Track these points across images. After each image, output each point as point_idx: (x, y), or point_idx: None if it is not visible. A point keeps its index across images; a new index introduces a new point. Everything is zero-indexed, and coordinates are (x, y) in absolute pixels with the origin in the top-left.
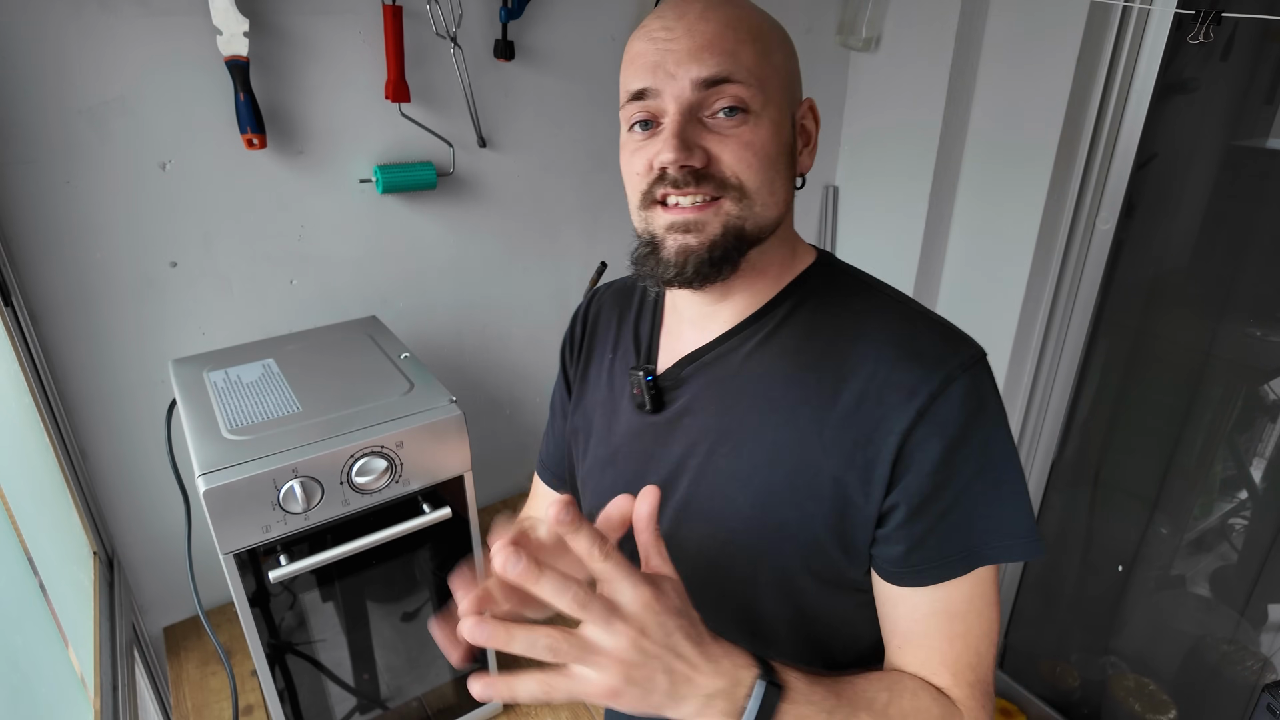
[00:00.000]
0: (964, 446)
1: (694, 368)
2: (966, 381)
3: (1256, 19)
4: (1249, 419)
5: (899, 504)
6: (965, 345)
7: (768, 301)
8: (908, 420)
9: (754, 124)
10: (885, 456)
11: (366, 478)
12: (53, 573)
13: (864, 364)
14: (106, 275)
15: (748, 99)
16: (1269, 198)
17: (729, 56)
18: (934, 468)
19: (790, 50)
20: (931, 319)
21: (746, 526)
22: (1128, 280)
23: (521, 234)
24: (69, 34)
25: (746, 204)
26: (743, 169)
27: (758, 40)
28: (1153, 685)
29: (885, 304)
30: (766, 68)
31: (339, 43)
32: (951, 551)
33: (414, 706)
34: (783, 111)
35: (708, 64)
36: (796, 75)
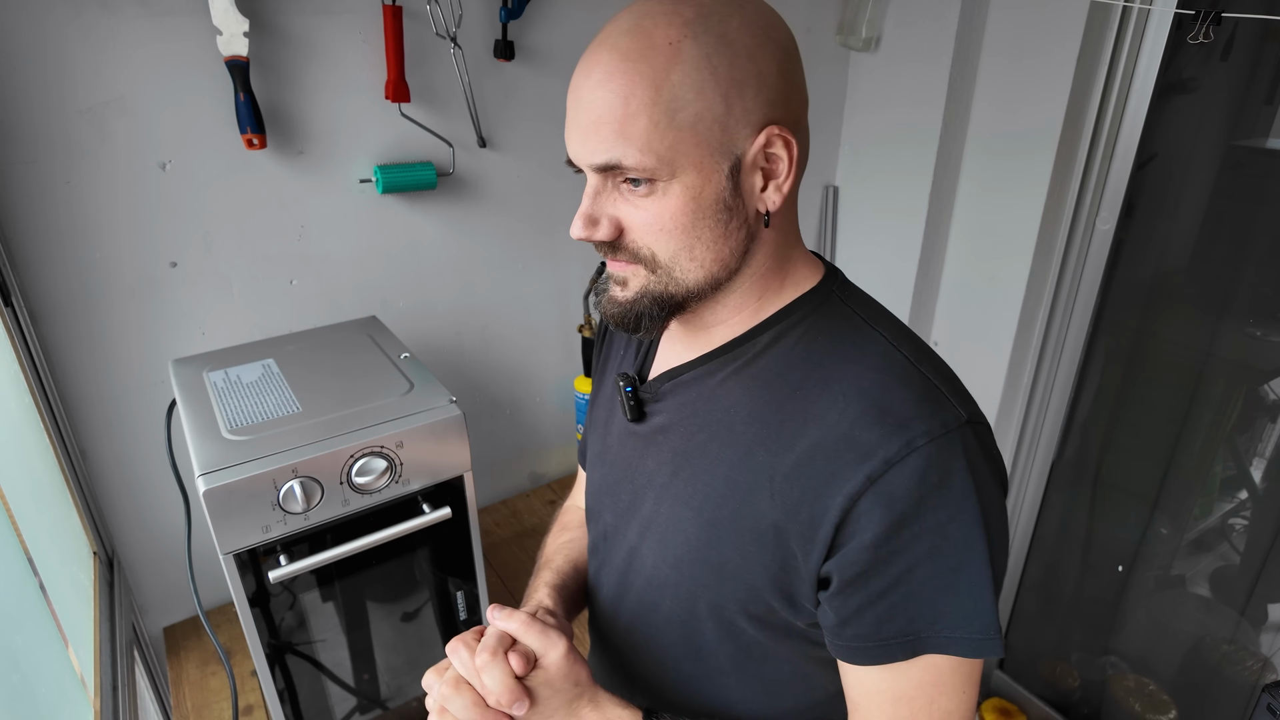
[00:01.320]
0: (914, 523)
1: (672, 385)
2: (930, 452)
3: (1256, 19)
4: (1249, 419)
5: (833, 573)
6: (943, 409)
7: (751, 328)
8: (856, 485)
9: (662, 194)
10: (830, 519)
11: (366, 478)
12: (53, 573)
13: (828, 413)
14: (106, 275)
15: (647, 175)
16: (1269, 198)
17: (617, 138)
18: (874, 541)
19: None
20: (915, 373)
21: (691, 557)
22: (1128, 280)
23: (521, 234)
24: (69, 34)
25: (663, 273)
26: (651, 241)
27: (657, 102)
28: (1153, 685)
29: (871, 348)
30: (670, 133)
31: (339, 43)
32: (891, 634)
33: (414, 706)
34: (707, 169)
35: (596, 151)
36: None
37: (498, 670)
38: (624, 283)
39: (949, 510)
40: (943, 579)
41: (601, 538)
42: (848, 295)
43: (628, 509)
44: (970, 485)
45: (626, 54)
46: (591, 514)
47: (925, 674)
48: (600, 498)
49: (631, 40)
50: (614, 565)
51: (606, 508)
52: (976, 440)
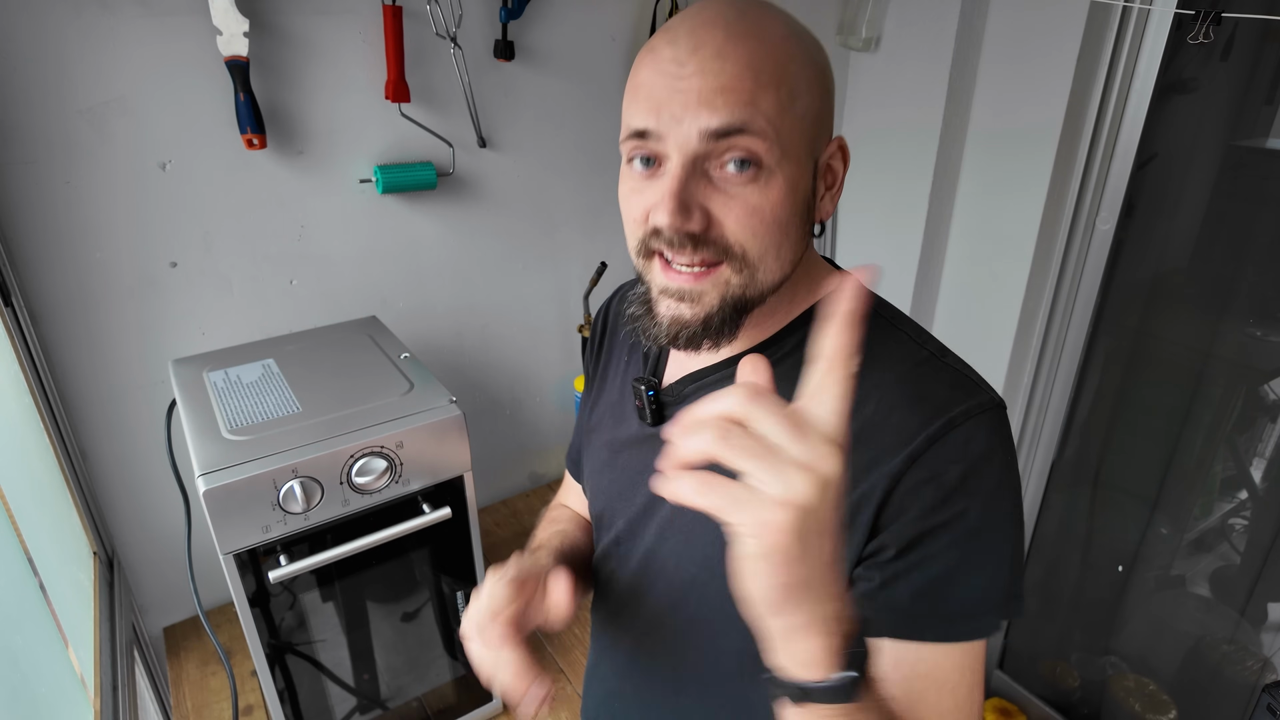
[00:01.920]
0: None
1: (696, 387)
2: (971, 428)
3: (1256, 19)
4: (1249, 419)
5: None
6: (977, 393)
7: (778, 330)
8: (898, 464)
9: (765, 183)
10: (872, 500)
11: (366, 478)
12: (53, 573)
13: (864, 405)
14: (106, 275)
15: (762, 154)
16: (1269, 198)
17: (746, 105)
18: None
19: (826, 85)
20: (945, 364)
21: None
22: (1128, 280)
23: (521, 234)
24: (69, 34)
25: (748, 272)
26: (747, 236)
27: (783, 84)
28: (1153, 685)
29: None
30: (790, 117)
31: (339, 43)
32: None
33: (414, 706)
34: (803, 164)
35: (720, 112)
36: (828, 113)
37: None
38: (695, 298)
39: (993, 484)
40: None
41: (614, 544)
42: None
43: (643, 513)
44: (1005, 461)
45: (747, 34)
46: (602, 521)
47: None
48: (611, 503)
49: (747, 24)
50: (628, 569)
51: (619, 513)
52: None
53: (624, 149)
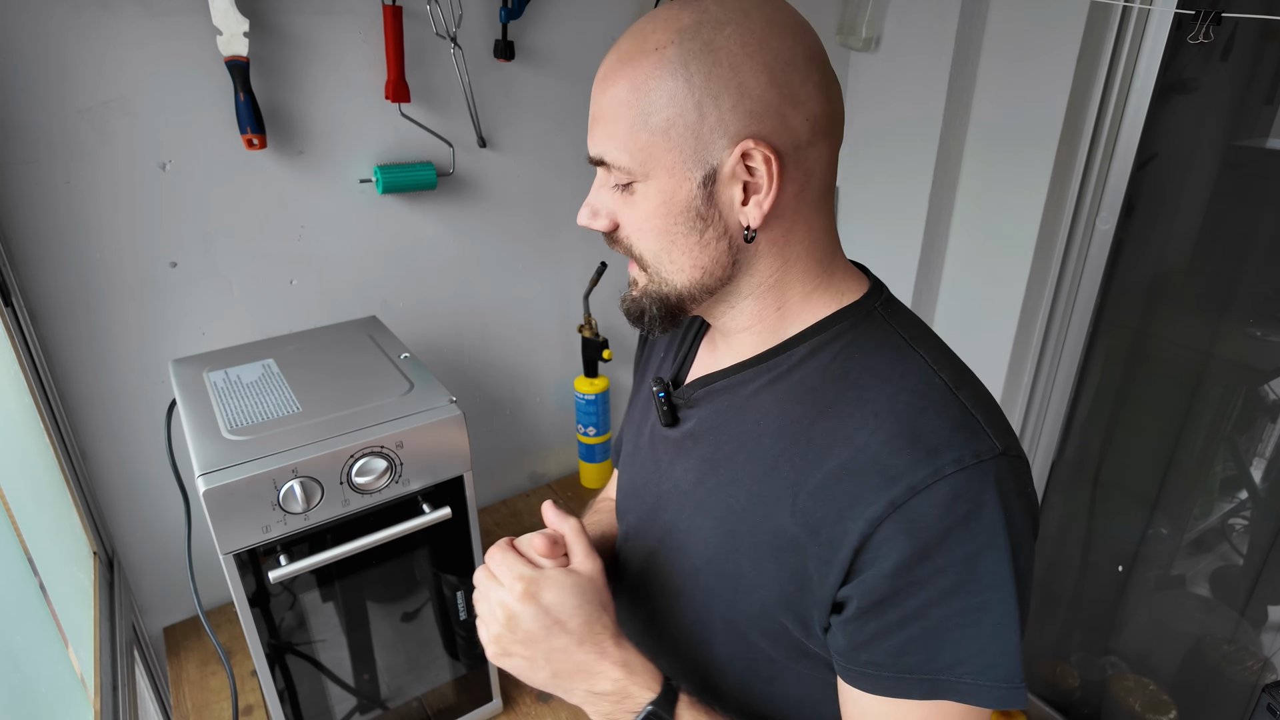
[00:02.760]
0: (937, 555)
1: (705, 392)
2: (958, 481)
3: (1256, 19)
4: (1249, 419)
5: (852, 597)
6: (977, 439)
7: (786, 339)
8: (879, 509)
9: (639, 196)
10: (849, 542)
11: (366, 478)
12: (53, 573)
13: (858, 433)
14: (106, 275)
15: (625, 175)
16: (1269, 198)
17: (606, 135)
18: (894, 570)
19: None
20: (952, 400)
21: (708, 567)
22: (1128, 280)
23: (521, 234)
24: (69, 35)
25: (652, 272)
26: (634, 237)
27: (633, 105)
28: (1153, 685)
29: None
30: (643, 136)
31: (339, 43)
32: (908, 668)
33: (414, 706)
34: (677, 175)
35: (592, 144)
36: (730, 114)
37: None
38: (634, 282)
39: (977, 545)
40: (966, 617)
41: (625, 539)
42: (891, 313)
43: (650, 512)
44: (1001, 520)
45: (621, 57)
46: (619, 512)
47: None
48: (627, 498)
49: (628, 43)
50: (634, 567)
51: (631, 509)
52: (1011, 474)
53: None
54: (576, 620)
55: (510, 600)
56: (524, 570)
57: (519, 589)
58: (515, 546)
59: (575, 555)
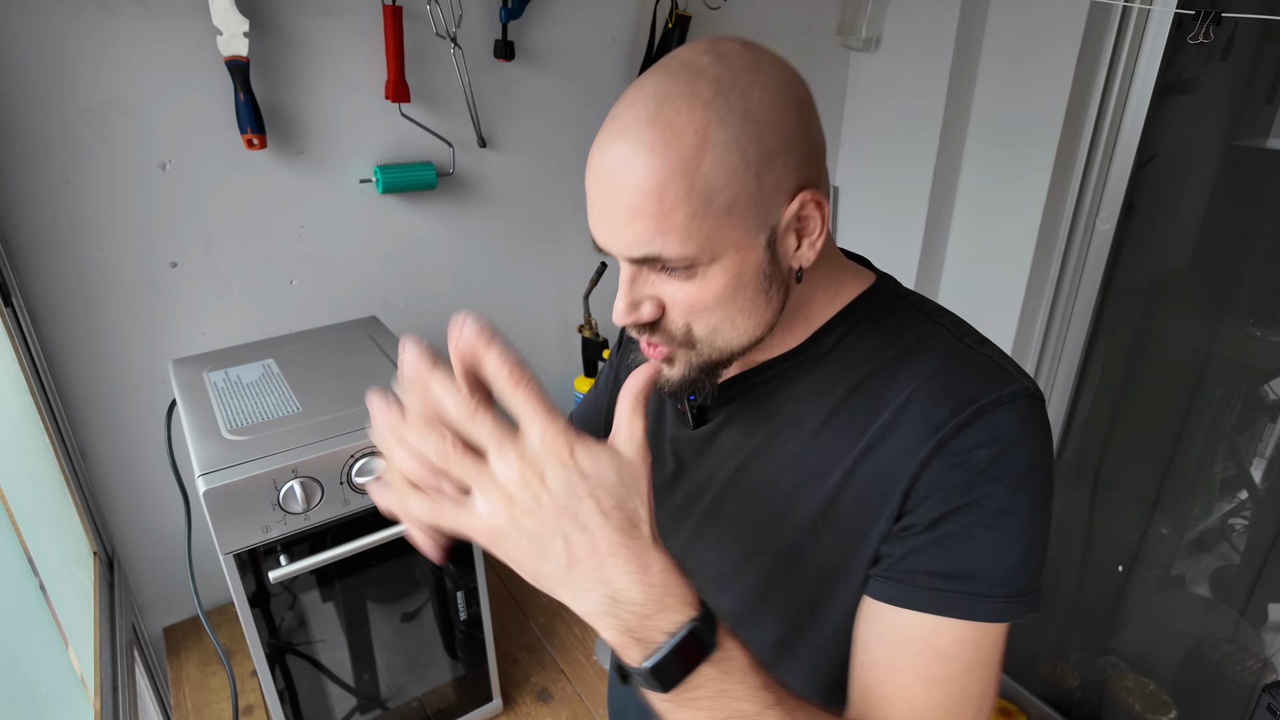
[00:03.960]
0: (989, 481)
1: (736, 390)
2: (1001, 414)
3: (1256, 19)
4: (1249, 419)
5: (911, 524)
6: (1010, 380)
7: (812, 334)
8: (927, 451)
9: (703, 277)
10: (900, 487)
11: (366, 478)
12: (53, 573)
13: (897, 396)
14: (106, 275)
15: (683, 265)
16: (1269, 198)
17: (653, 233)
18: (949, 495)
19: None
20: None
21: (763, 548)
22: (1128, 280)
23: (521, 234)
24: (69, 35)
25: (705, 349)
26: (693, 321)
27: (693, 193)
28: (1153, 685)
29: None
30: (706, 223)
31: (339, 43)
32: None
33: (414, 706)
34: (746, 243)
35: (634, 245)
36: (784, 172)
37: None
38: (670, 361)
39: (1022, 469)
40: (1008, 540)
41: None
42: (905, 294)
43: (680, 509)
44: (1037, 449)
45: (653, 147)
46: None
47: (971, 634)
48: None
49: (655, 132)
50: None
51: None
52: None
53: None
54: (612, 501)
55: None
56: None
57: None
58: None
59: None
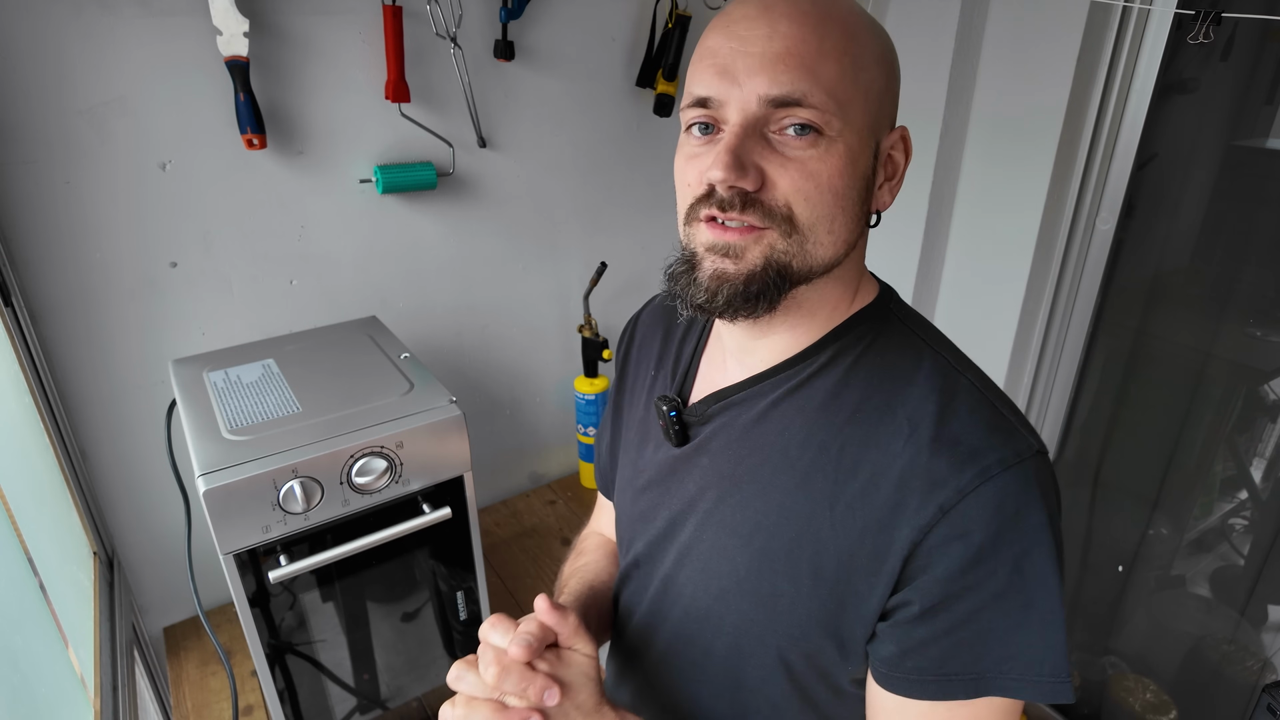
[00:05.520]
0: (991, 558)
1: (720, 406)
2: (1006, 481)
3: (1256, 19)
4: (1249, 419)
5: (910, 602)
6: (1014, 439)
7: (809, 345)
8: (928, 516)
9: (825, 150)
10: (898, 551)
11: (366, 478)
12: (53, 573)
13: (894, 440)
14: (106, 275)
15: (821, 123)
16: (1269, 198)
17: (807, 73)
18: (949, 575)
19: (890, 68)
20: (982, 400)
21: (739, 589)
22: (1128, 280)
23: (521, 234)
24: (69, 35)
25: (796, 239)
26: (799, 199)
27: (848, 52)
28: (1153, 685)
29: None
30: (852, 88)
31: (339, 43)
32: (955, 670)
33: (414, 706)
34: (864, 139)
35: (780, 80)
36: (892, 98)
37: (516, 671)
38: (739, 254)
39: (1025, 543)
40: (1016, 616)
41: (633, 565)
42: (905, 315)
43: (662, 535)
44: (1044, 518)
45: (817, 6)
46: (622, 541)
47: (981, 713)
48: (632, 525)
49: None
50: (646, 594)
51: (639, 535)
52: (1047, 471)
53: (684, 116)
54: (585, 693)
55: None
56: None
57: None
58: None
59: (578, 644)
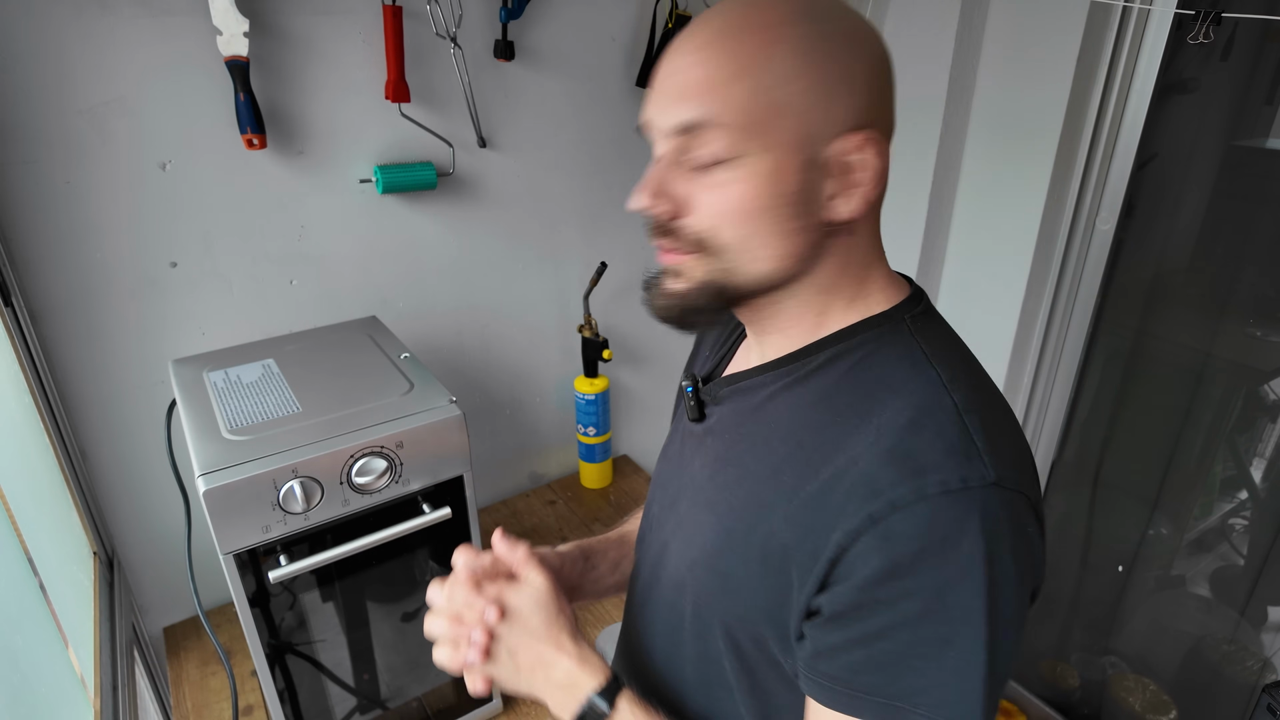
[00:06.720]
0: (908, 577)
1: (730, 390)
2: (940, 505)
3: (1256, 19)
4: (1249, 419)
5: (823, 606)
6: (970, 466)
7: (807, 345)
8: (858, 522)
9: (739, 173)
10: (826, 553)
11: (366, 478)
12: (53, 573)
13: (857, 445)
14: (106, 275)
15: (726, 146)
16: (1269, 198)
17: (710, 99)
18: (863, 583)
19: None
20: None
21: (704, 561)
22: (1128, 280)
23: (521, 234)
24: (69, 35)
25: (721, 260)
26: (716, 225)
27: (764, 70)
28: (1153, 685)
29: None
30: (765, 104)
31: (339, 43)
32: (866, 687)
33: (414, 706)
34: (788, 156)
35: (682, 108)
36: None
37: (461, 591)
38: (677, 275)
39: (949, 573)
40: (930, 647)
41: (647, 528)
42: (920, 325)
43: (669, 505)
44: (980, 553)
45: (730, 27)
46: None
47: None
48: (654, 489)
49: (736, 17)
50: (649, 558)
51: (655, 500)
52: (1002, 507)
53: None
54: (536, 619)
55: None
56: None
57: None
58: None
59: (528, 574)
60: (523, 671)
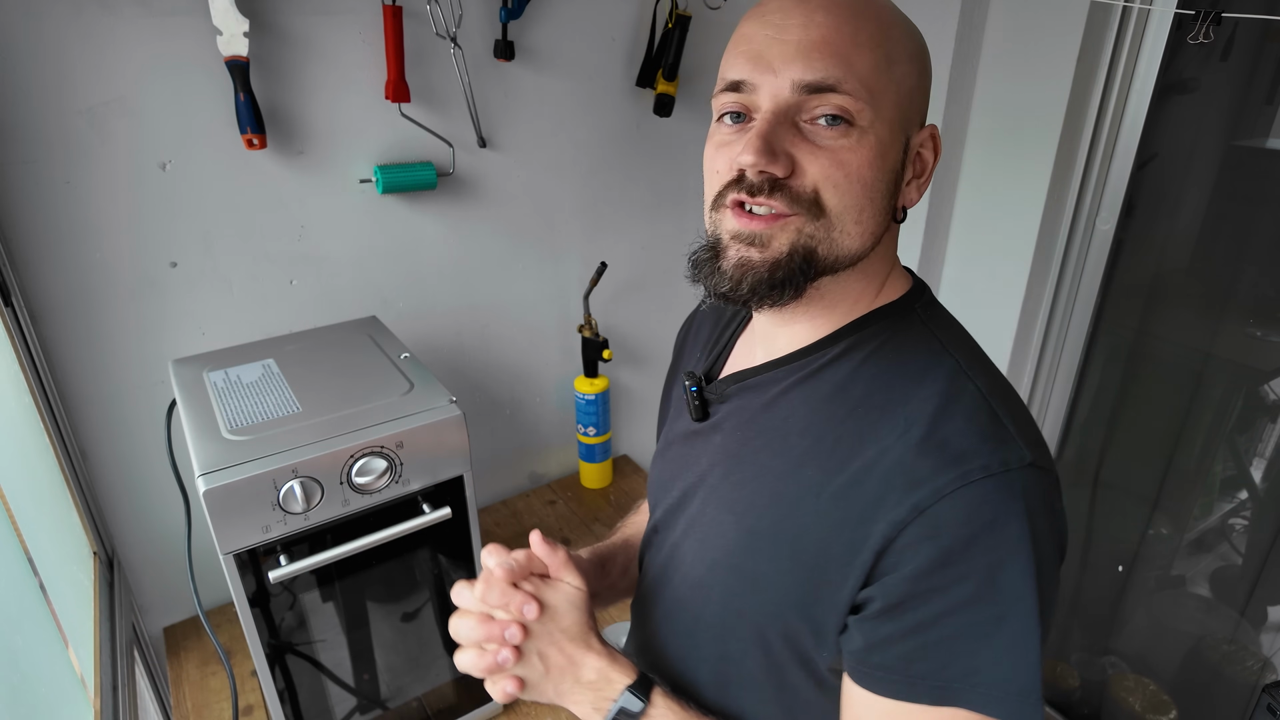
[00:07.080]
0: (960, 563)
1: (737, 388)
2: (985, 489)
3: (1256, 19)
4: (1249, 419)
5: (872, 599)
6: (1006, 448)
7: (825, 335)
8: (903, 513)
9: (856, 140)
10: (871, 545)
11: (366, 478)
12: (53, 573)
13: (886, 436)
14: (106, 275)
15: (854, 112)
16: (1269, 198)
17: (841, 61)
18: (915, 574)
19: (922, 65)
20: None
21: (727, 562)
22: (1128, 280)
23: (521, 234)
24: (69, 35)
25: (823, 226)
26: (828, 187)
27: (881, 45)
28: (1153, 685)
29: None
30: (885, 80)
31: (339, 43)
32: (921, 673)
33: (414, 706)
34: (895, 133)
35: (814, 66)
36: (923, 95)
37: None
38: (764, 242)
39: (1000, 554)
40: (984, 628)
41: (654, 530)
42: (930, 315)
43: (676, 505)
44: (1026, 532)
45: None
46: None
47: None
48: (655, 492)
49: None
50: (658, 559)
51: (660, 502)
52: (1038, 487)
53: (715, 104)
54: (570, 618)
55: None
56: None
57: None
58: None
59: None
60: (551, 673)
